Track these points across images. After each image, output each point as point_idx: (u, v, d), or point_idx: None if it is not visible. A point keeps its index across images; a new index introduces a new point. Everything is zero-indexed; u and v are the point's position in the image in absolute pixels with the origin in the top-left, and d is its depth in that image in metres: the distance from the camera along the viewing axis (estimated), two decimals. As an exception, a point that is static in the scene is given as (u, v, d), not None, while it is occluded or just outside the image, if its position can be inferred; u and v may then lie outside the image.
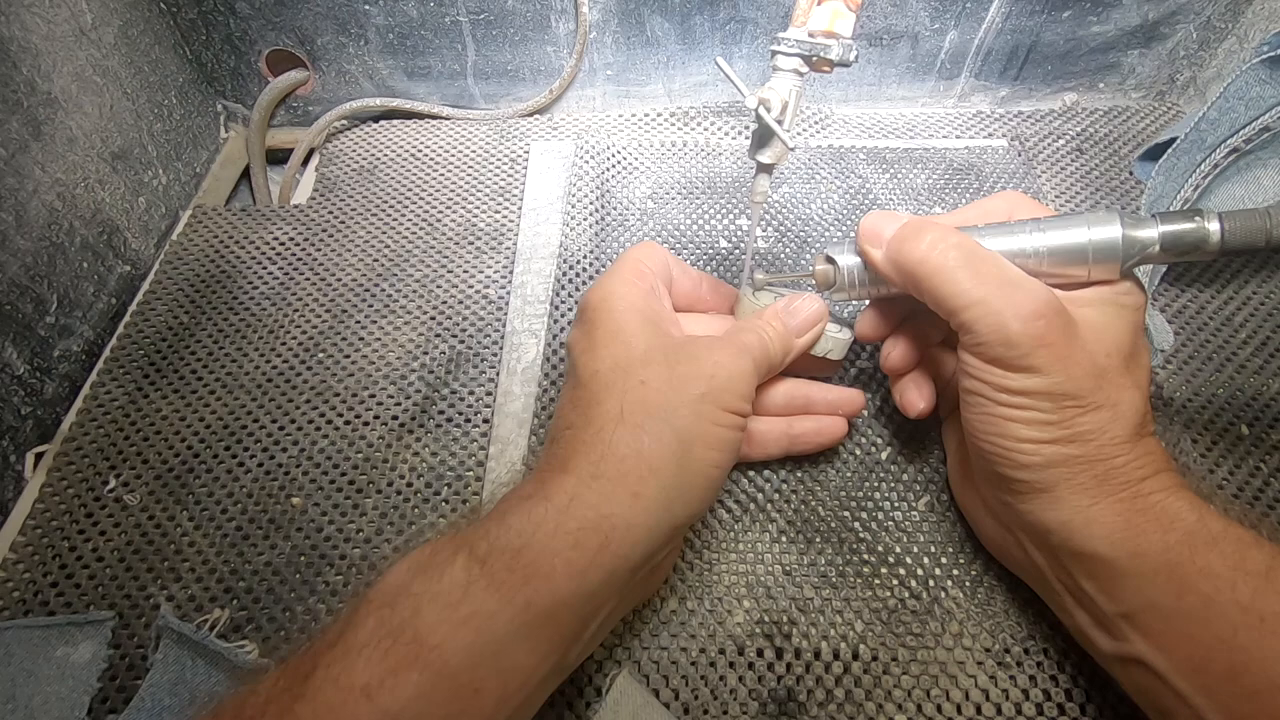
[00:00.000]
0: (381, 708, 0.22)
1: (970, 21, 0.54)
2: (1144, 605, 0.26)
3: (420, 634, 0.23)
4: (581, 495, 0.25)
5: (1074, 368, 0.27)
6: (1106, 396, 0.27)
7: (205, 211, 0.53)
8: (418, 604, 0.23)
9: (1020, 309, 0.27)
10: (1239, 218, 0.27)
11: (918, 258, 0.29)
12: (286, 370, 0.43)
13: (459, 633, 0.23)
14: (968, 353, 0.28)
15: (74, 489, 0.38)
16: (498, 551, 0.24)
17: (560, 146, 0.56)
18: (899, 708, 0.31)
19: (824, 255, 0.34)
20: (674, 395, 0.28)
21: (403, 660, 0.22)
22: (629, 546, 0.25)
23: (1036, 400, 0.27)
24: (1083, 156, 0.54)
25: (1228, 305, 0.45)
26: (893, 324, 0.35)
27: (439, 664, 0.22)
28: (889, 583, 0.34)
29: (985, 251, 0.29)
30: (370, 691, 0.22)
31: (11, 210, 0.41)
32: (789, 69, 0.34)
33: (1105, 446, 0.27)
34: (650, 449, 0.26)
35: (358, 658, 0.22)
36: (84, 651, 0.33)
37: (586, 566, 0.25)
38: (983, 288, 0.27)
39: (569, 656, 0.26)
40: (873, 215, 0.31)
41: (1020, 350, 0.26)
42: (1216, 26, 0.55)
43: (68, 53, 0.45)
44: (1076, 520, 0.27)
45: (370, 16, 0.53)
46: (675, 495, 0.27)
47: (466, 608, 0.23)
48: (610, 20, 0.54)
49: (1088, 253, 0.28)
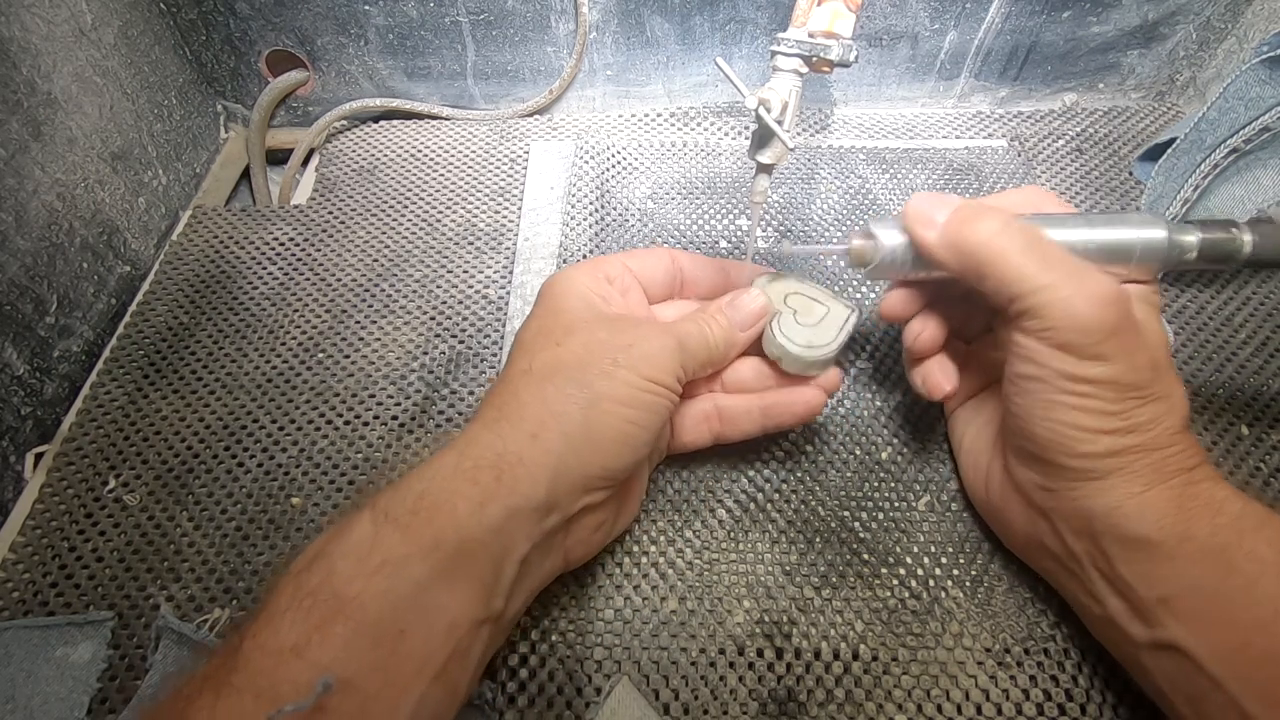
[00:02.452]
0: (312, 662, 0.23)
1: (970, 22, 0.54)
2: (1186, 589, 0.26)
3: (337, 589, 0.24)
4: (480, 436, 0.27)
5: (1137, 358, 0.27)
6: (1163, 388, 0.28)
7: (205, 212, 0.53)
8: (330, 563, 0.24)
9: (1094, 295, 0.27)
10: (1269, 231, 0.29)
11: (980, 240, 0.28)
12: (286, 370, 0.43)
13: (374, 581, 0.24)
14: (1030, 338, 0.28)
15: (74, 489, 0.38)
16: (399, 500, 0.25)
17: (560, 147, 0.56)
18: (899, 708, 0.31)
19: (863, 230, 0.32)
20: (587, 356, 0.29)
21: (325, 616, 0.23)
22: (528, 484, 0.26)
23: (1101, 389, 0.27)
24: (1082, 157, 0.54)
25: (1228, 305, 0.45)
26: (918, 306, 0.34)
27: (360, 613, 0.23)
28: (889, 583, 0.34)
29: (1048, 238, 0.29)
30: (299, 649, 0.23)
31: (11, 210, 0.41)
32: (789, 69, 0.34)
33: (1160, 436, 0.27)
34: (553, 397, 0.28)
35: (281, 621, 0.23)
36: (83, 652, 0.33)
37: (484, 500, 0.26)
38: (1052, 273, 0.27)
39: (493, 601, 0.26)
40: (922, 196, 0.30)
41: (1093, 337, 0.26)
42: (1216, 27, 0.55)
43: (68, 53, 0.45)
44: (1128, 505, 0.27)
45: (370, 17, 0.53)
46: (581, 444, 0.27)
47: (377, 556, 0.24)
48: (610, 20, 0.54)
49: (1134, 252, 0.30)
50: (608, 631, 0.33)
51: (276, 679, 0.22)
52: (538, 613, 0.33)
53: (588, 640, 0.33)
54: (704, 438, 0.36)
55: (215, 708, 0.22)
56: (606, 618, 0.33)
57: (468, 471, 0.26)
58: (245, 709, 0.22)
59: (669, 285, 0.36)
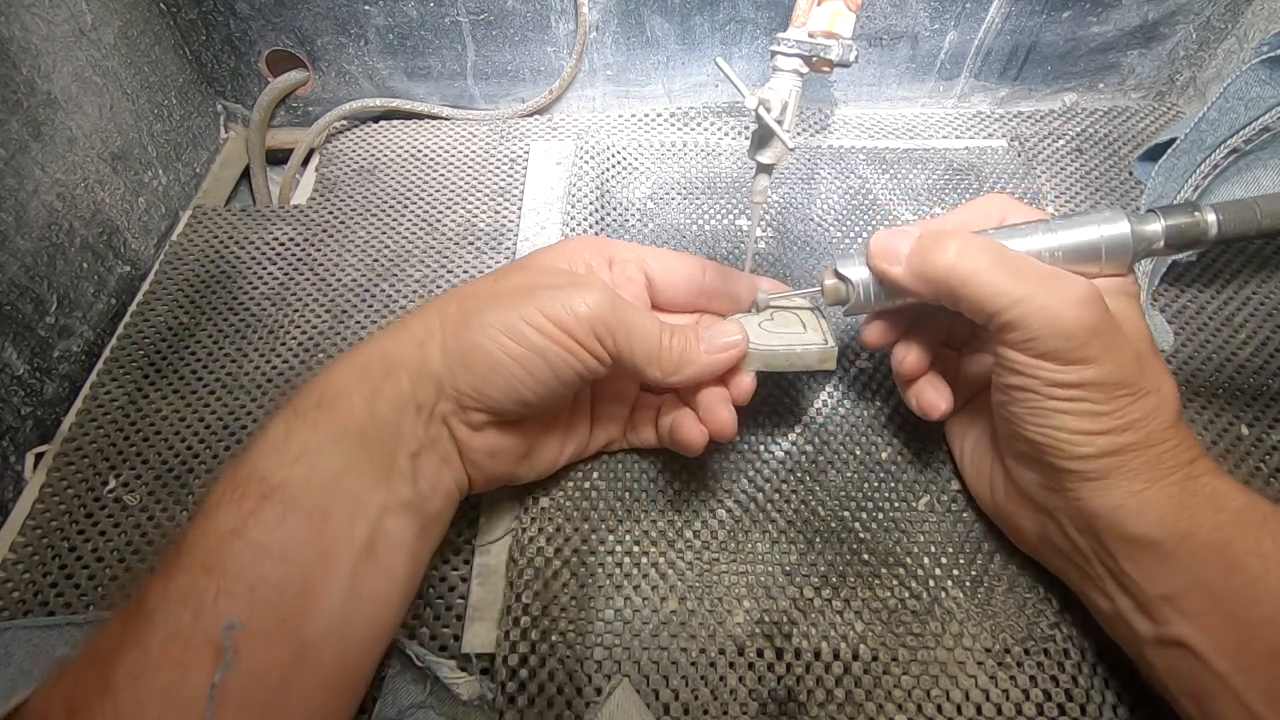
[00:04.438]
0: (252, 541, 0.25)
1: (970, 22, 0.54)
2: (1190, 586, 0.26)
3: (263, 477, 0.26)
4: (374, 339, 0.30)
5: (1121, 355, 0.27)
6: (1151, 382, 0.28)
7: (205, 212, 0.53)
8: (254, 460, 0.27)
9: (1069, 299, 0.27)
10: (1232, 209, 0.29)
11: (947, 265, 0.28)
12: (286, 370, 0.43)
13: (294, 469, 0.27)
14: (1013, 350, 0.28)
15: (74, 489, 0.38)
16: (308, 397, 0.28)
17: (560, 147, 0.56)
18: (899, 708, 0.31)
19: (831, 270, 0.33)
20: (508, 287, 0.31)
21: (255, 501, 0.26)
22: (407, 383, 0.29)
23: (1090, 391, 0.27)
24: (1082, 157, 0.54)
25: (1228, 305, 0.45)
26: (899, 331, 0.34)
27: (286, 497, 0.26)
28: (889, 583, 0.34)
29: (1013, 251, 0.29)
30: (238, 531, 0.25)
31: (11, 210, 0.41)
32: (789, 69, 0.34)
33: (1155, 432, 0.27)
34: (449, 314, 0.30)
35: (217, 511, 0.26)
36: (84, 652, 0.33)
37: (374, 392, 0.29)
38: (1025, 284, 0.27)
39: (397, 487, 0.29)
40: (882, 235, 0.31)
41: (1075, 340, 0.26)
42: (1216, 27, 0.55)
43: (68, 53, 0.45)
44: (1129, 505, 0.27)
45: (370, 17, 0.53)
46: (456, 360, 0.29)
47: (294, 447, 0.27)
48: (610, 20, 0.54)
49: (1100, 250, 0.30)
50: (608, 631, 0.33)
51: (220, 557, 0.25)
52: (537, 613, 0.33)
53: (588, 640, 0.33)
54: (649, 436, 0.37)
55: (168, 587, 0.24)
56: (606, 618, 0.33)
57: (360, 365, 0.29)
58: (198, 582, 0.24)
59: (691, 296, 0.36)
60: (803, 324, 0.35)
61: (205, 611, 0.24)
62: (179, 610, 0.24)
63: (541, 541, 0.35)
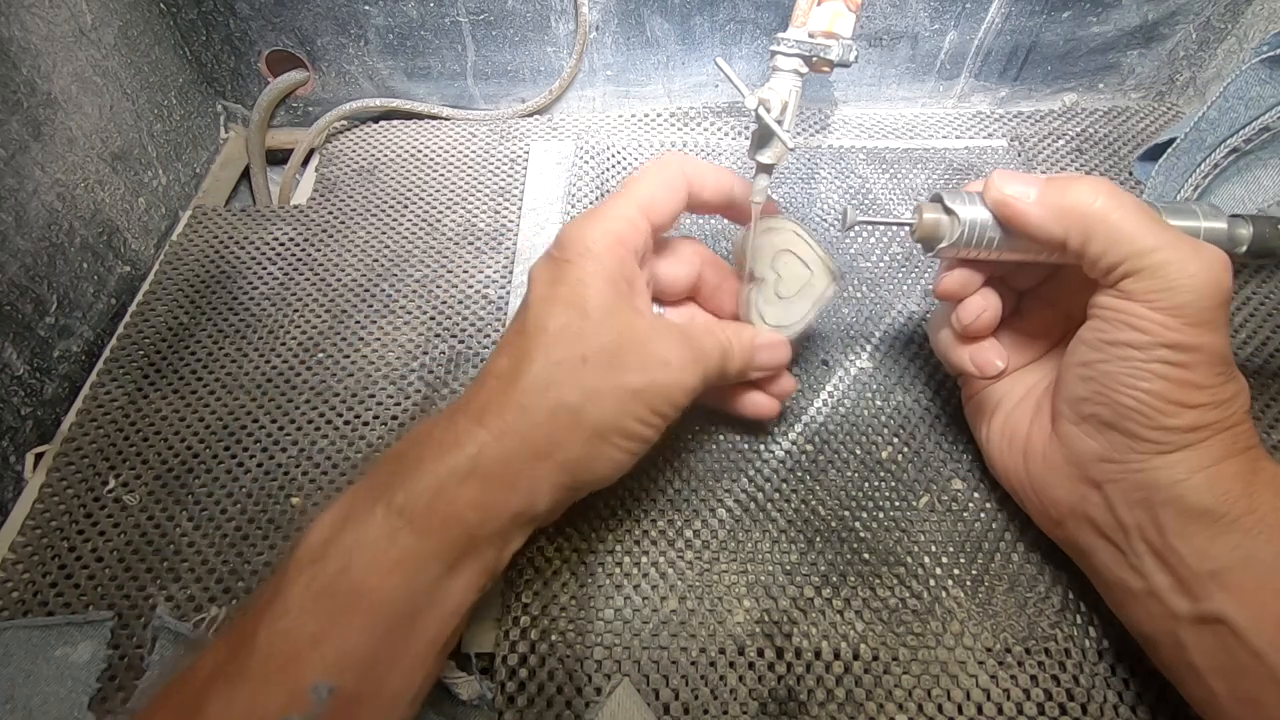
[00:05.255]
0: (333, 651, 0.24)
1: (970, 22, 0.54)
2: (1240, 561, 0.26)
3: (356, 582, 0.25)
4: (491, 447, 0.27)
5: (1228, 335, 0.27)
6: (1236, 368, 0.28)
7: (205, 212, 0.53)
8: (347, 556, 0.25)
9: (1209, 260, 0.26)
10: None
11: (1088, 201, 0.28)
12: (286, 370, 0.43)
13: (391, 577, 0.25)
14: (1134, 302, 0.27)
15: (74, 489, 0.38)
16: (414, 499, 0.26)
17: (560, 147, 0.56)
18: (899, 708, 0.31)
19: (935, 203, 0.31)
20: (606, 381, 0.28)
21: (344, 608, 0.24)
22: (528, 499, 0.28)
23: (1197, 359, 0.27)
24: (1082, 157, 0.54)
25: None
26: (979, 283, 0.33)
27: (377, 606, 0.25)
28: (889, 582, 0.34)
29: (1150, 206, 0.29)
30: (318, 640, 0.24)
31: (11, 211, 0.41)
32: (789, 69, 0.34)
33: (1237, 413, 0.28)
34: (563, 424, 0.28)
35: (300, 613, 0.24)
36: (83, 652, 0.33)
37: (495, 512, 0.27)
38: (1165, 235, 0.27)
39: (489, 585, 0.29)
40: (1004, 171, 0.30)
41: (1209, 300, 0.26)
42: (1216, 27, 0.55)
43: (68, 53, 0.45)
44: (1196, 478, 0.27)
45: (370, 17, 0.53)
46: (579, 468, 0.29)
47: (395, 553, 0.25)
48: (610, 21, 0.54)
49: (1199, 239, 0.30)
50: (608, 631, 0.33)
51: (297, 668, 0.23)
52: (537, 613, 0.33)
53: (588, 640, 0.33)
54: None
55: (232, 696, 0.23)
56: (606, 618, 0.33)
57: (479, 481, 0.27)
58: (268, 696, 0.23)
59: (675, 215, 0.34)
60: (805, 264, 0.35)
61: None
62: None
63: (541, 541, 0.35)
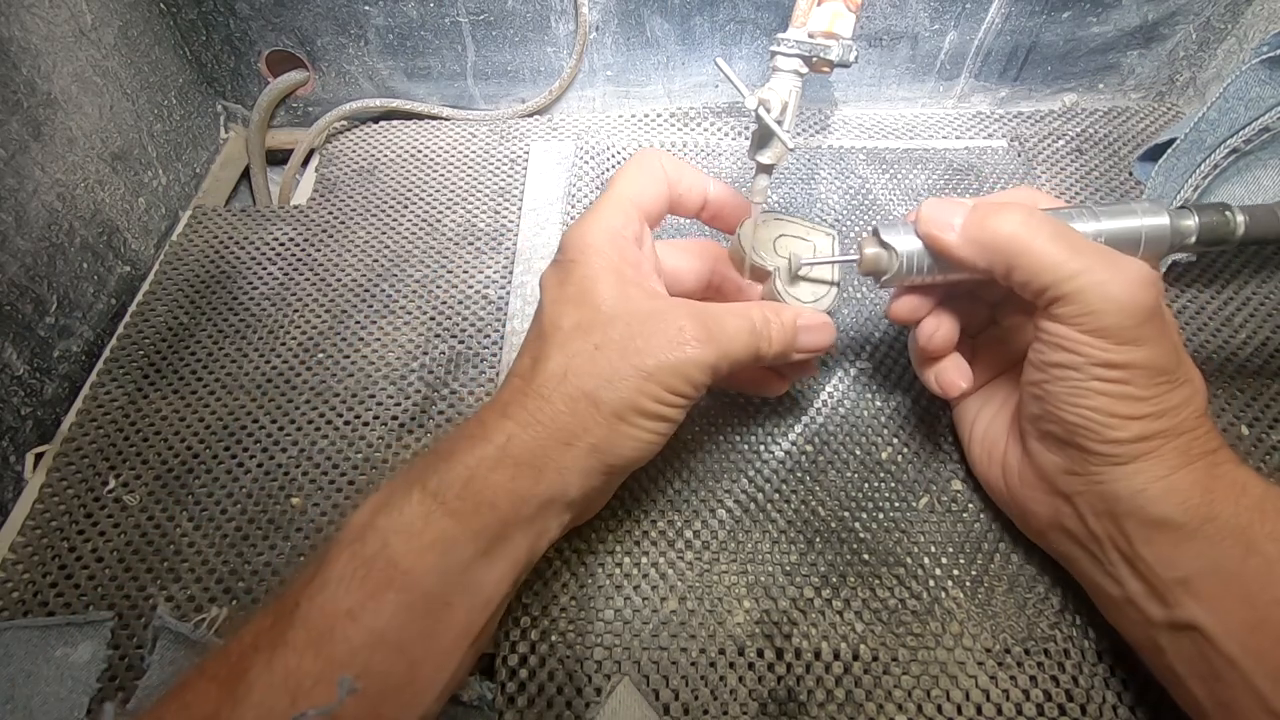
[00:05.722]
0: (367, 626, 0.24)
1: (970, 22, 0.54)
2: (1206, 569, 0.26)
3: (392, 560, 0.26)
4: (518, 436, 0.28)
5: (1166, 343, 0.27)
6: (1185, 372, 0.28)
7: (205, 212, 0.53)
8: (384, 536, 0.26)
9: (1130, 278, 0.27)
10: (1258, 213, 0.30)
11: (1008, 232, 0.28)
12: (286, 370, 0.43)
13: (426, 557, 0.26)
14: (1063, 325, 0.28)
15: (74, 489, 0.38)
16: (448, 485, 0.27)
17: (560, 147, 0.56)
18: (899, 708, 0.31)
19: (873, 238, 0.32)
20: (620, 364, 0.28)
21: (379, 584, 0.25)
22: (559, 486, 0.28)
23: (1135, 374, 0.27)
24: (1082, 157, 0.54)
25: (1228, 305, 0.45)
26: (929, 307, 0.34)
27: (412, 585, 0.25)
28: (889, 583, 0.34)
29: (1070, 227, 0.29)
30: (354, 614, 0.24)
31: (11, 211, 0.41)
32: (789, 69, 0.34)
33: (1187, 420, 0.28)
34: (583, 409, 0.28)
35: (338, 587, 0.25)
36: (83, 652, 0.33)
37: (525, 496, 0.28)
38: (1085, 258, 0.27)
39: (522, 576, 0.29)
40: (933, 202, 0.31)
41: (1132, 320, 0.26)
42: (1216, 27, 0.55)
43: (68, 53, 0.45)
44: (1154, 489, 0.27)
45: (370, 17, 0.53)
46: (606, 450, 0.29)
47: (430, 534, 0.26)
48: (610, 21, 0.54)
49: (1140, 240, 0.30)
50: (608, 631, 0.33)
51: (332, 639, 0.24)
52: (537, 613, 0.33)
53: (588, 640, 0.33)
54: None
55: (272, 663, 0.24)
56: (606, 618, 0.33)
57: (509, 469, 0.28)
58: (304, 665, 0.24)
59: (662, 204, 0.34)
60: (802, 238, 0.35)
61: (302, 699, 0.23)
62: (278, 695, 0.23)
63: (541, 541, 0.35)
